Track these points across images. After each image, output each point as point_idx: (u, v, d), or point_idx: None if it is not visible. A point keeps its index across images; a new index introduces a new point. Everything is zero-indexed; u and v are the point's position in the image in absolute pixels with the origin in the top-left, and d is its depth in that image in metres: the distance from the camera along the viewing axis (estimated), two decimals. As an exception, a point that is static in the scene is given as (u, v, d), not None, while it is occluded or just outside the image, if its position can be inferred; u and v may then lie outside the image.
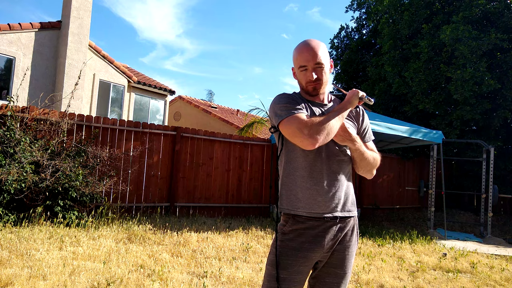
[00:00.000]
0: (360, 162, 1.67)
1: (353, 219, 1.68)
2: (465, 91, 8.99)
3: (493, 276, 4.47)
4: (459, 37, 9.16)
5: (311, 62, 1.60)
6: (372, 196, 10.52)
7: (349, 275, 1.67)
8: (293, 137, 1.51)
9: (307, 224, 1.59)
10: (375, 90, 12.14)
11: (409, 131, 7.26)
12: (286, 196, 1.64)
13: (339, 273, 1.63)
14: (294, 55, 1.66)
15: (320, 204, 1.58)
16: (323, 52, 1.62)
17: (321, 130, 1.47)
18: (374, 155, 1.71)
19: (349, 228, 1.65)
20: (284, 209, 1.64)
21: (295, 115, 1.53)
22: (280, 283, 1.57)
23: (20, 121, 5.56)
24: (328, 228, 1.59)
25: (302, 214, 1.59)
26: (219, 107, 18.85)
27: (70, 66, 10.05)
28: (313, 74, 1.61)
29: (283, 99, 1.62)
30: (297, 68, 1.65)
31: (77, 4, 10.30)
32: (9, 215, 4.97)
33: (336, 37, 16.27)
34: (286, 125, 1.53)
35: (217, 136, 8.03)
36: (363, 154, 1.64)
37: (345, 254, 1.64)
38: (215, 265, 3.99)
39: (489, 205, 8.01)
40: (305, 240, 1.58)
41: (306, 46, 1.62)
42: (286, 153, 1.66)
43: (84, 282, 3.15)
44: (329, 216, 1.59)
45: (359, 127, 1.75)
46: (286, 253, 1.58)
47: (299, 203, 1.59)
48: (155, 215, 6.54)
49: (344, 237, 1.64)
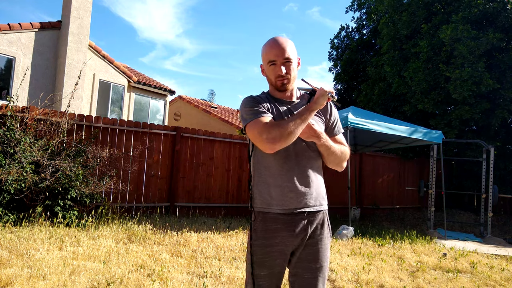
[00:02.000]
0: (327, 156, 1.71)
1: (322, 213, 1.74)
2: (464, 91, 9.00)
3: (493, 276, 4.47)
4: (458, 37, 9.17)
5: (280, 57, 1.64)
6: (372, 196, 10.52)
7: (326, 268, 1.71)
8: (254, 141, 1.60)
9: (278, 220, 1.65)
10: (375, 90, 12.14)
11: (409, 131, 7.26)
12: (259, 195, 1.68)
13: (315, 267, 1.68)
14: (263, 51, 1.71)
15: (292, 200, 1.64)
16: (291, 49, 1.67)
17: (279, 134, 1.53)
18: (342, 149, 1.75)
19: (319, 221, 1.71)
20: (258, 208, 1.69)
21: (258, 119, 1.59)
22: (260, 280, 1.65)
23: (20, 121, 5.56)
24: (298, 221, 1.65)
25: (275, 211, 1.64)
26: (219, 107, 18.85)
27: (70, 66, 10.05)
28: (282, 69, 1.65)
29: (249, 103, 1.67)
30: (266, 64, 1.69)
31: (77, 4, 10.30)
32: (9, 215, 4.97)
33: (336, 37, 16.27)
34: (250, 129, 1.61)
35: (217, 136, 8.03)
36: (330, 148, 1.68)
37: (318, 247, 1.69)
38: (215, 265, 3.99)
39: (489, 205, 8.01)
40: (278, 235, 1.64)
41: (275, 42, 1.67)
42: (257, 153, 1.71)
43: (84, 282, 3.15)
44: (298, 211, 1.65)
45: (327, 121, 1.79)
46: (262, 251, 1.65)
47: (272, 201, 1.65)
48: (155, 215, 6.54)
49: (315, 231, 1.69)
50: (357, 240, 6.12)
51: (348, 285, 3.73)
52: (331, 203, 10.47)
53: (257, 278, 1.65)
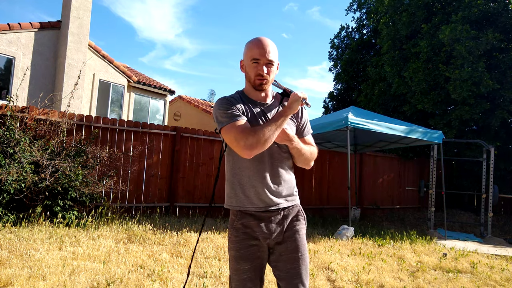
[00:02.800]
0: (298, 157, 1.80)
1: (295, 206, 1.83)
2: (464, 91, 8.99)
3: (493, 276, 4.47)
4: (458, 37, 9.16)
5: (264, 58, 1.69)
6: (372, 196, 10.51)
7: (306, 256, 1.79)
8: (231, 146, 1.67)
9: (254, 217, 1.73)
10: (375, 90, 12.14)
11: (409, 131, 7.26)
12: (234, 194, 1.76)
13: (296, 256, 1.75)
14: (247, 48, 1.74)
15: (266, 199, 1.72)
16: (275, 52, 1.73)
17: (257, 141, 1.59)
18: (312, 149, 1.84)
19: (293, 214, 1.81)
20: (234, 206, 1.76)
21: (234, 123, 1.65)
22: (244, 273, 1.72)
23: (20, 121, 5.55)
24: (273, 217, 1.74)
25: (250, 210, 1.73)
26: (219, 107, 18.82)
27: (70, 66, 10.05)
28: (264, 69, 1.70)
29: (223, 105, 1.71)
30: (249, 61, 1.73)
31: (77, 4, 10.30)
32: (8, 215, 4.97)
33: (336, 37, 16.28)
34: (226, 133, 1.66)
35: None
36: (300, 150, 1.77)
37: (296, 237, 1.77)
38: (215, 265, 3.99)
39: (489, 205, 8.00)
40: (256, 229, 1.73)
41: (262, 42, 1.71)
42: (231, 153, 1.76)
43: (84, 282, 3.14)
44: (273, 208, 1.73)
45: (298, 123, 1.86)
46: (242, 246, 1.73)
47: (247, 200, 1.73)
48: (155, 215, 6.54)
49: (291, 223, 1.79)
50: (357, 240, 6.11)
51: (348, 285, 3.73)
52: (331, 203, 10.46)
53: (240, 272, 1.73)
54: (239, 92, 1.83)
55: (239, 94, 1.81)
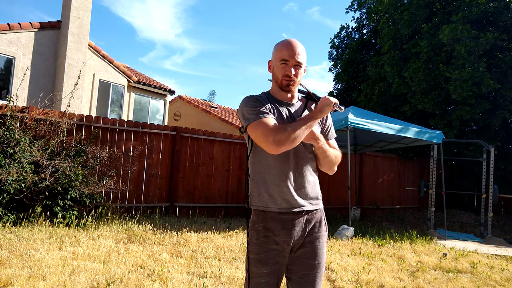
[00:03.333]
0: (323, 159, 1.78)
1: (319, 211, 1.79)
2: (464, 91, 8.99)
3: (493, 276, 4.46)
4: (458, 37, 9.16)
5: (293, 59, 1.69)
6: (372, 196, 10.51)
7: (323, 265, 1.76)
8: (259, 141, 1.64)
9: (277, 219, 1.69)
10: (375, 90, 12.14)
11: (409, 131, 7.26)
12: (257, 194, 1.72)
13: (313, 264, 1.72)
14: (276, 49, 1.75)
15: (290, 199, 1.69)
16: (304, 55, 1.73)
17: (286, 138, 1.58)
18: (336, 153, 1.82)
19: (317, 220, 1.76)
20: (256, 207, 1.72)
21: (262, 120, 1.63)
22: (262, 277, 1.67)
23: (20, 121, 5.55)
24: (296, 220, 1.70)
25: (273, 210, 1.68)
26: (219, 107, 18.84)
27: (70, 66, 10.05)
28: (292, 70, 1.70)
29: (250, 102, 1.71)
30: (278, 61, 1.73)
31: (77, 4, 10.30)
32: (8, 215, 4.97)
33: (336, 37, 16.28)
34: (253, 129, 1.64)
35: (217, 136, 8.03)
36: (326, 152, 1.75)
37: (316, 244, 1.74)
38: (215, 265, 3.99)
39: (489, 205, 8.00)
40: (277, 233, 1.68)
41: (292, 43, 1.71)
42: (256, 152, 1.74)
43: (84, 282, 3.14)
44: (297, 210, 1.69)
45: (322, 126, 1.87)
46: (262, 249, 1.68)
47: (270, 200, 1.69)
48: (155, 215, 6.54)
49: (313, 229, 1.74)
50: (357, 240, 6.11)
51: (348, 285, 3.73)
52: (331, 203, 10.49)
53: (258, 276, 1.67)
54: (265, 93, 1.83)
55: (265, 95, 1.80)
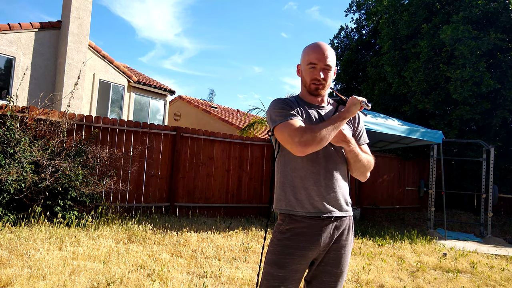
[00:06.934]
0: (354, 163, 1.70)
1: (348, 218, 1.72)
2: (464, 91, 8.99)
3: (493, 276, 4.47)
4: (459, 37, 9.16)
5: (322, 62, 1.67)
6: (372, 196, 10.51)
7: (345, 274, 1.71)
8: (285, 143, 1.60)
9: (304, 223, 1.63)
10: (375, 90, 12.13)
11: (409, 131, 7.26)
12: (284, 197, 1.67)
13: (335, 272, 1.67)
14: (305, 52, 1.72)
15: (318, 204, 1.62)
16: (332, 58, 1.70)
17: (312, 138, 1.53)
18: (368, 158, 1.74)
19: (345, 227, 1.70)
20: (283, 209, 1.67)
21: (288, 121, 1.60)
22: (276, 280, 1.61)
23: (20, 121, 5.56)
24: (324, 226, 1.64)
25: (300, 213, 1.63)
26: (219, 107, 18.85)
27: (70, 66, 10.05)
28: (320, 73, 1.67)
29: (278, 104, 1.68)
30: (306, 65, 1.70)
31: (77, 4, 10.30)
32: (9, 215, 4.97)
33: (336, 37, 16.28)
34: (279, 131, 1.61)
35: (217, 136, 8.03)
36: (357, 155, 1.68)
37: (341, 253, 1.68)
38: (215, 265, 3.99)
39: (489, 205, 8.00)
40: (302, 238, 1.61)
41: (320, 47, 1.69)
42: (283, 154, 1.69)
43: (84, 282, 3.14)
44: (326, 215, 1.63)
45: (354, 130, 1.80)
46: (283, 252, 1.62)
47: (298, 203, 1.63)
48: (155, 215, 6.54)
49: (340, 236, 1.68)
50: (357, 240, 6.12)
51: (348, 285, 3.73)
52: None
53: (273, 278, 1.62)
54: (294, 96, 1.80)
55: (295, 98, 1.77)
